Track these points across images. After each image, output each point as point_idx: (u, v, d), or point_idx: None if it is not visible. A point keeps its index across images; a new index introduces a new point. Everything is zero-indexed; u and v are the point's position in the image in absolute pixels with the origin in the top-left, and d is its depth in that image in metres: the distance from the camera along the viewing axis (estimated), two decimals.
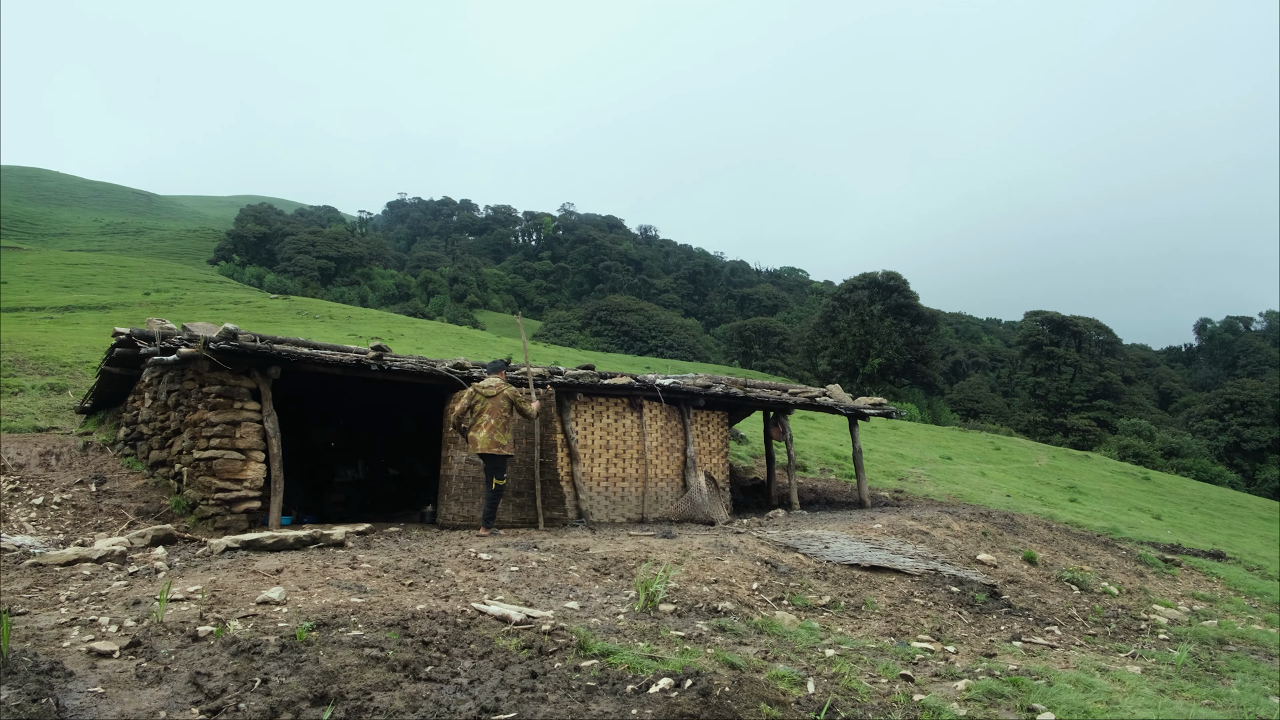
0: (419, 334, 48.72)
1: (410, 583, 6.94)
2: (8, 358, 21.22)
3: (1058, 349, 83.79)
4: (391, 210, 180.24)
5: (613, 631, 6.07)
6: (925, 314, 78.61)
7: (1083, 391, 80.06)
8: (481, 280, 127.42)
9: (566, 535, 10.28)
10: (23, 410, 14.67)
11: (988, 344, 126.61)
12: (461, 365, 11.68)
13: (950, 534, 12.22)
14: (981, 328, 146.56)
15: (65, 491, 10.49)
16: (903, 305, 76.39)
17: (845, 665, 5.89)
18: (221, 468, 9.88)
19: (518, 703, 4.37)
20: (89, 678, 4.48)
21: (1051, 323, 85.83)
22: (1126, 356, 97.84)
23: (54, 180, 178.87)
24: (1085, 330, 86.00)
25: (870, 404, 17.18)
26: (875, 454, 26.63)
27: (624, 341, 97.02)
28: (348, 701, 4.20)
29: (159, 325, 11.17)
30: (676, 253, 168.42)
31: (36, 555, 7.73)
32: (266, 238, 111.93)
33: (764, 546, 9.88)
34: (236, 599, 6.04)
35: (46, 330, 31.32)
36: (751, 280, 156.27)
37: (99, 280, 66.75)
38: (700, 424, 14.55)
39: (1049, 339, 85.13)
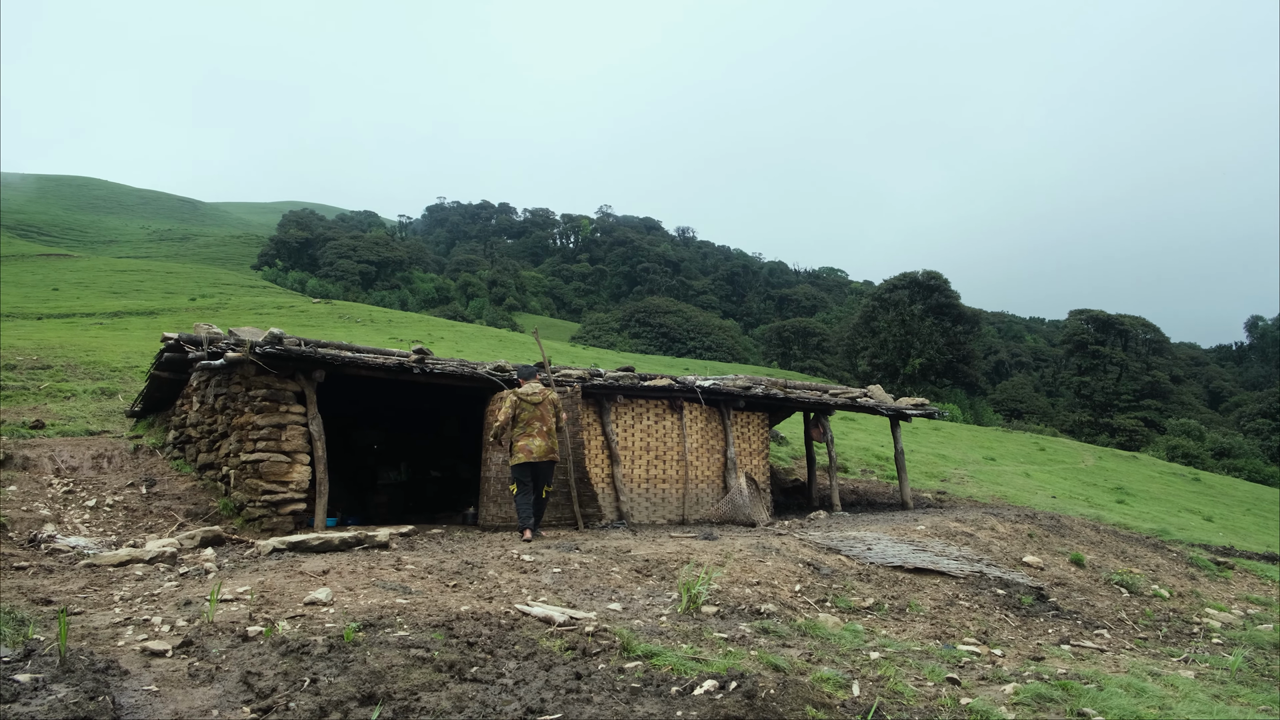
0: (459, 337, 49.09)
1: (454, 584, 7.00)
2: (60, 363, 21.70)
3: (1103, 348, 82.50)
4: (431, 214, 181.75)
5: (656, 633, 6.07)
6: (967, 313, 77.80)
7: (1129, 391, 78.73)
8: (520, 283, 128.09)
9: (607, 537, 10.29)
10: (75, 414, 14.99)
11: (1031, 343, 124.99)
12: (502, 368, 11.74)
13: (995, 536, 12.07)
14: (1024, 327, 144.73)
15: (117, 494, 10.69)
16: (944, 305, 75.66)
17: (890, 668, 5.83)
18: (268, 470, 10.02)
19: (563, 703, 4.38)
20: (143, 676, 4.56)
21: (1097, 321, 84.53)
22: (1174, 355, 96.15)
23: (103, 189, 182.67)
24: (1132, 329, 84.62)
25: (912, 404, 17.02)
26: (917, 455, 26.38)
27: (662, 343, 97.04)
28: (395, 701, 4.24)
29: (206, 330, 11.35)
30: (714, 254, 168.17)
31: (90, 556, 7.90)
32: (308, 243, 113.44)
33: (806, 548, 9.83)
34: (284, 600, 6.12)
35: (97, 336, 31.98)
36: (790, 281, 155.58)
37: (146, 286, 68.04)
38: (740, 425, 14.50)
39: (1094, 338, 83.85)
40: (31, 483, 10.57)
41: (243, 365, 10.25)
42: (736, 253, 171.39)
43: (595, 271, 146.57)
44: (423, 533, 10.40)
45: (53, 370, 20.68)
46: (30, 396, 17.25)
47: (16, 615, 5.33)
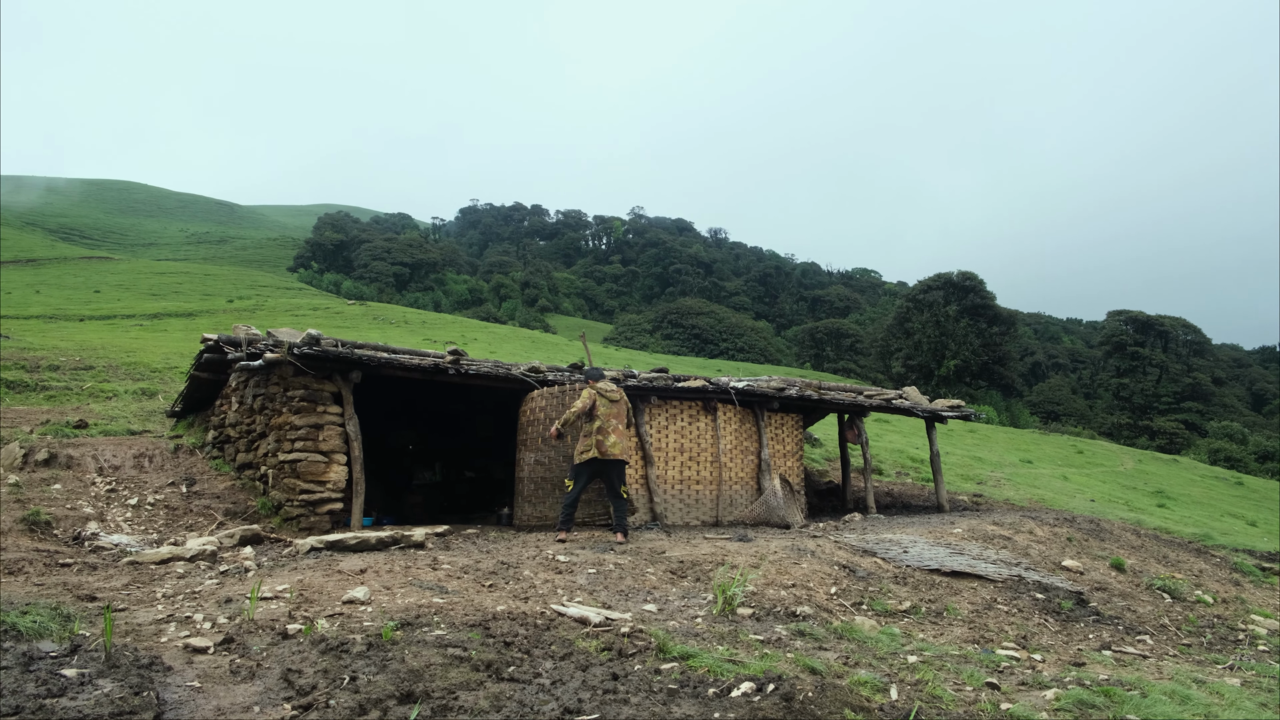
0: (492, 338, 49.34)
1: (490, 584, 7.02)
2: (102, 364, 22.06)
3: (1143, 349, 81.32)
4: (464, 216, 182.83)
5: (691, 634, 6.06)
6: (1003, 314, 76.99)
7: (1170, 393, 77.52)
8: (552, 284, 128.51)
9: (642, 538, 10.28)
10: (117, 414, 15.22)
11: (1068, 344, 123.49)
12: (536, 369, 11.78)
13: (1033, 539, 11.92)
14: (1061, 328, 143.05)
15: (158, 492, 10.84)
16: (979, 305, 74.93)
17: (929, 672, 5.78)
18: (305, 470, 10.12)
19: (600, 704, 4.38)
20: (186, 672, 4.62)
21: (1136, 322, 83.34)
22: (1216, 356, 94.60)
23: (143, 193, 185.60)
24: (1172, 330, 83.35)
25: (948, 406, 16.87)
26: (952, 457, 26.14)
27: (695, 344, 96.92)
28: (433, 700, 4.26)
29: (245, 331, 11.49)
30: (747, 255, 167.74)
31: (133, 554, 8.02)
32: (343, 245, 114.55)
33: (841, 550, 9.77)
34: (323, 598, 6.17)
35: (137, 337, 32.49)
36: (823, 282, 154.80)
37: (185, 288, 69.05)
38: (774, 427, 14.44)
39: (1133, 339, 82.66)
40: (75, 481, 10.75)
41: (281, 366, 10.36)
42: (769, 254, 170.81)
43: (627, 273, 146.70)
44: (458, 533, 10.45)
45: (95, 371, 21.03)
46: (73, 396, 17.55)
47: (62, 611, 5.41)
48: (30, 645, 4.62)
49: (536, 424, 11.80)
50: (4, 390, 17.46)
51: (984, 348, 72.40)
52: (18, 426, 12.98)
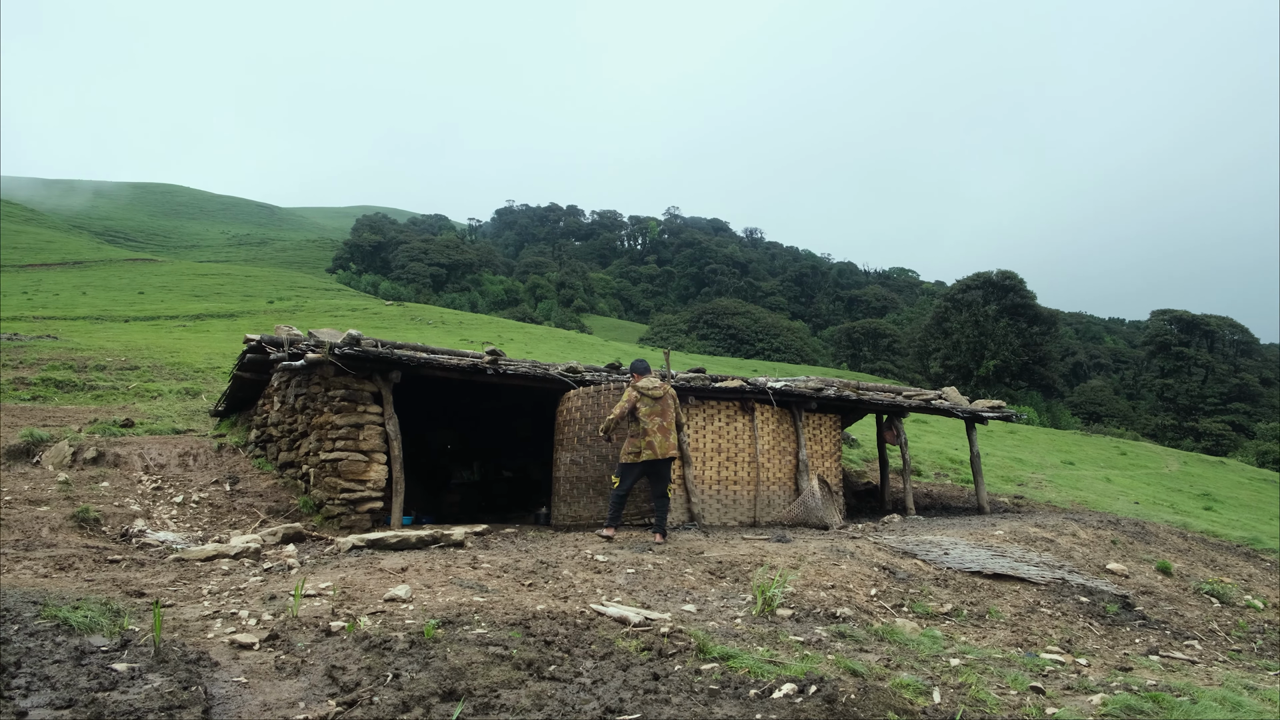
0: (528, 338, 49.55)
1: (529, 583, 7.05)
2: (147, 364, 22.45)
3: (1188, 349, 79.91)
4: (500, 217, 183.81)
5: (731, 635, 6.04)
6: (1043, 314, 75.98)
7: (1216, 394, 76.12)
8: (588, 285, 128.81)
9: (679, 538, 10.27)
10: (161, 413, 15.48)
11: (1110, 344, 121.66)
12: (574, 369, 11.80)
13: (1077, 542, 11.76)
14: (1104, 327, 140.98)
15: (202, 490, 11.01)
16: (1019, 305, 74.01)
17: (972, 675, 5.71)
18: (346, 469, 10.22)
19: (641, 704, 4.38)
20: (232, 668, 4.68)
21: (1180, 322, 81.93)
22: (1264, 356, 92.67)
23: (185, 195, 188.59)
24: (1218, 329, 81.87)
25: (988, 407, 16.68)
26: (992, 458, 25.86)
27: (730, 344, 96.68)
28: (475, 698, 4.28)
29: (287, 332, 11.62)
30: (783, 255, 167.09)
31: (179, 551, 8.15)
32: (381, 246, 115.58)
33: (881, 552, 9.70)
34: (365, 596, 6.23)
35: (180, 338, 33.02)
36: (860, 281, 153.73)
37: (226, 290, 70.06)
38: (812, 427, 14.36)
39: (1178, 339, 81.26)
40: (123, 479, 10.94)
41: (322, 366, 10.47)
42: (805, 253, 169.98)
43: (663, 273, 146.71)
44: (496, 532, 10.50)
45: (140, 371, 21.41)
46: (120, 396, 17.88)
47: (112, 607, 5.51)
48: (82, 640, 4.71)
49: (573, 424, 11.83)
50: (53, 390, 17.82)
51: (1024, 348, 71.47)
52: (67, 425, 13.23)
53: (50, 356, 21.71)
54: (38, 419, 13.75)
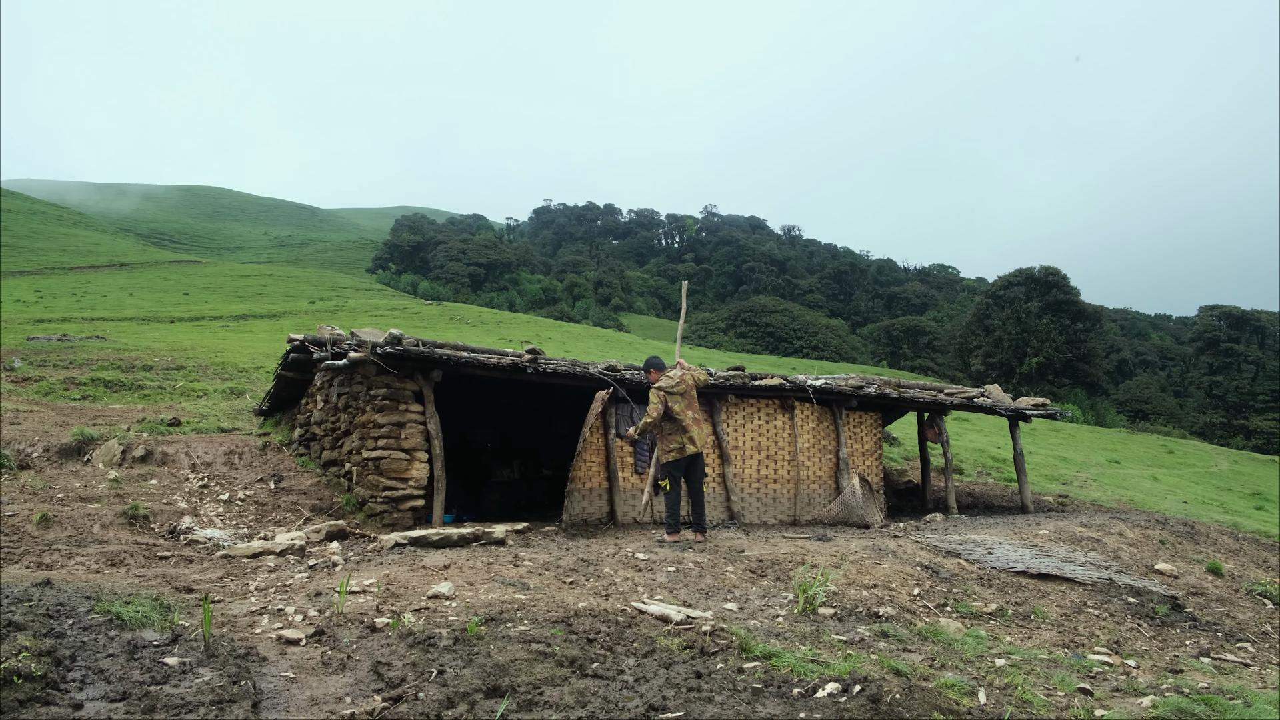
0: (566, 337, 49.70)
1: (571, 581, 7.07)
2: (192, 364, 22.81)
3: (1237, 345, 78.33)
4: (537, 217, 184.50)
5: (773, 634, 6.01)
6: (1087, 310, 74.87)
7: (1267, 391, 74.49)
8: (625, 283, 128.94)
9: (720, 536, 10.25)
10: (207, 412, 15.72)
11: (1156, 341, 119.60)
12: (613, 368, 11.82)
13: (1124, 541, 11.57)
14: (1149, 324, 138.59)
15: (248, 488, 11.17)
16: (1062, 301, 72.98)
17: (1018, 676, 5.64)
18: (388, 467, 10.31)
19: (684, 702, 4.37)
20: (280, 663, 4.74)
21: (1230, 318, 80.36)
22: None
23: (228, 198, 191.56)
24: (1269, 325, 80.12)
25: (1032, 404, 16.47)
26: (1035, 457, 25.51)
27: (769, 343, 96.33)
28: (519, 695, 4.30)
29: (329, 332, 11.75)
30: (821, 252, 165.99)
31: (226, 547, 8.28)
32: (420, 246, 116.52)
33: (923, 551, 9.61)
34: (408, 593, 6.28)
35: (224, 338, 33.51)
36: (899, 279, 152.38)
37: (269, 290, 71.03)
38: (853, 425, 14.27)
39: (1227, 335, 79.68)
40: (170, 477, 11.13)
41: (364, 365, 10.57)
42: (843, 250, 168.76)
43: (700, 271, 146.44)
44: (536, 530, 10.55)
45: (185, 370, 21.75)
46: (166, 395, 18.18)
47: (162, 602, 5.60)
48: (134, 634, 4.80)
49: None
50: (102, 389, 18.17)
51: (1068, 345, 70.46)
52: (116, 424, 13.48)
53: (99, 357, 22.13)
54: (88, 418, 14.02)
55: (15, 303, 50.78)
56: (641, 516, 11.86)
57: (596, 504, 11.61)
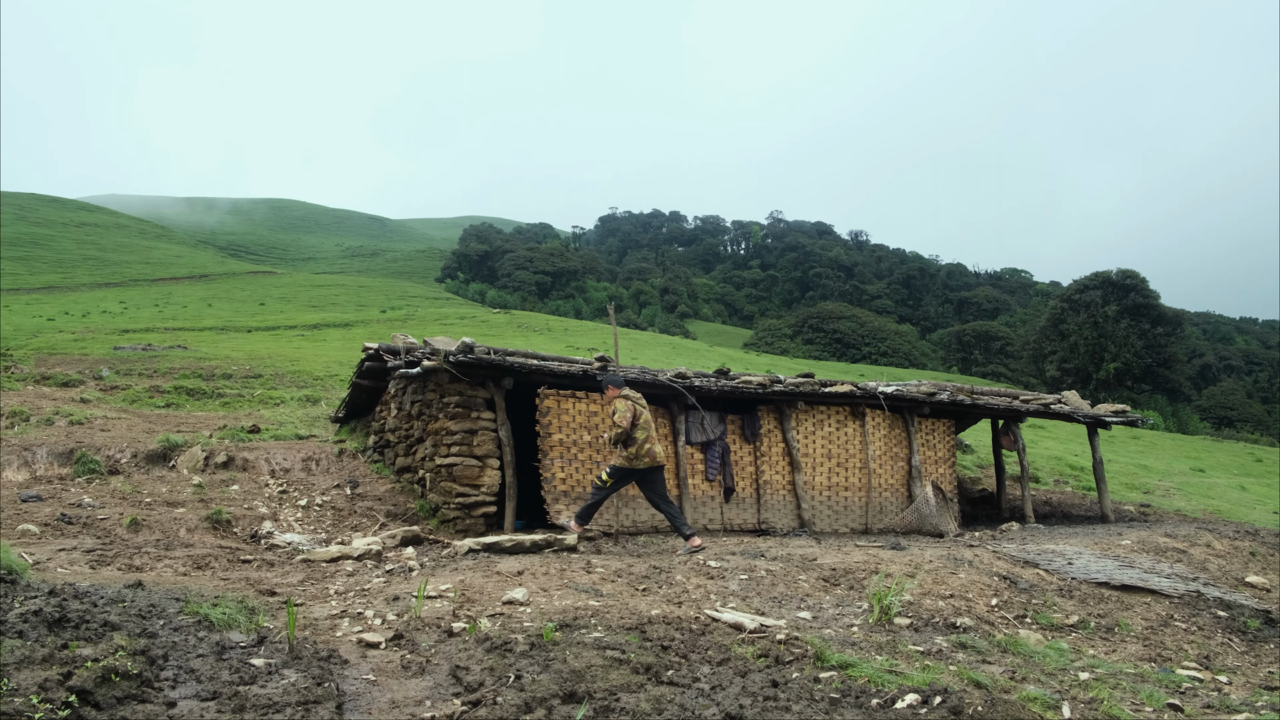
0: (633, 344, 49.81)
1: (643, 588, 7.08)
2: (269, 372, 23.39)
3: None
4: (603, 224, 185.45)
5: (848, 643, 5.95)
6: (1167, 314, 72.60)
7: None
8: (691, 290, 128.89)
9: (791, 544, 10.17)
10: (284, 420, 16.11)
11: (1242, 345, 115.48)
12: (683, 375, 11.81)
13: (1211, 553, 11.19)
14: (1234, 327, 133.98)
15: (325, 494, 11.41)
16: (1141, 305, 70.88)
17: (1103, 690, 5.49)
18: (461, 474, 10.45)
19: (761, 710, 4.35)
20: (361, 666, 4.84)
21: None
22: None
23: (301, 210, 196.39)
24: None
25: (1112, 411, 16.04)
26: (1115, 465, 24.82)
27: (836, 349, 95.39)
28: (596, 700, 4.32)
29: (403, 340, 11.96)
30: (889, 257, 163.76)
31: (305, 552, 8.47)
32: (487, 255, 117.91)
33: (1001, 561, 9.41)
34: (483, 598, 6.35)
35: (299, 347, 34.28)
36: (970, 283, 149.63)
37: (341, 300, 72.54)
38: (925, 432, 14.05)
39: None
40: (251, 483, 11.43)
41: (437, 373, 10.73)
42: (912, 255, 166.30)
43: (766, 278, 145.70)
44: (607, 537, 10.58)
45: (263, 379, 22.32)
46: (245, 403, 18.69)
47: (247, 604, 5.74)
48: (222, 635, 4.93)
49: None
50: (184, 397, 18.74)
51: (1147, 350, 68.39)
52: (198, 431, 13.90)
53: (181, 366, 22.83)
54: (172, 425, 14.47)
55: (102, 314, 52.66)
56: (712, 524, 11.83)
57: None
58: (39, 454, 11.40)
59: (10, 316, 48.16)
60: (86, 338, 32.86)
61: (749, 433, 12.37)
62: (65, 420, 13.68)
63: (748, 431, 12.37)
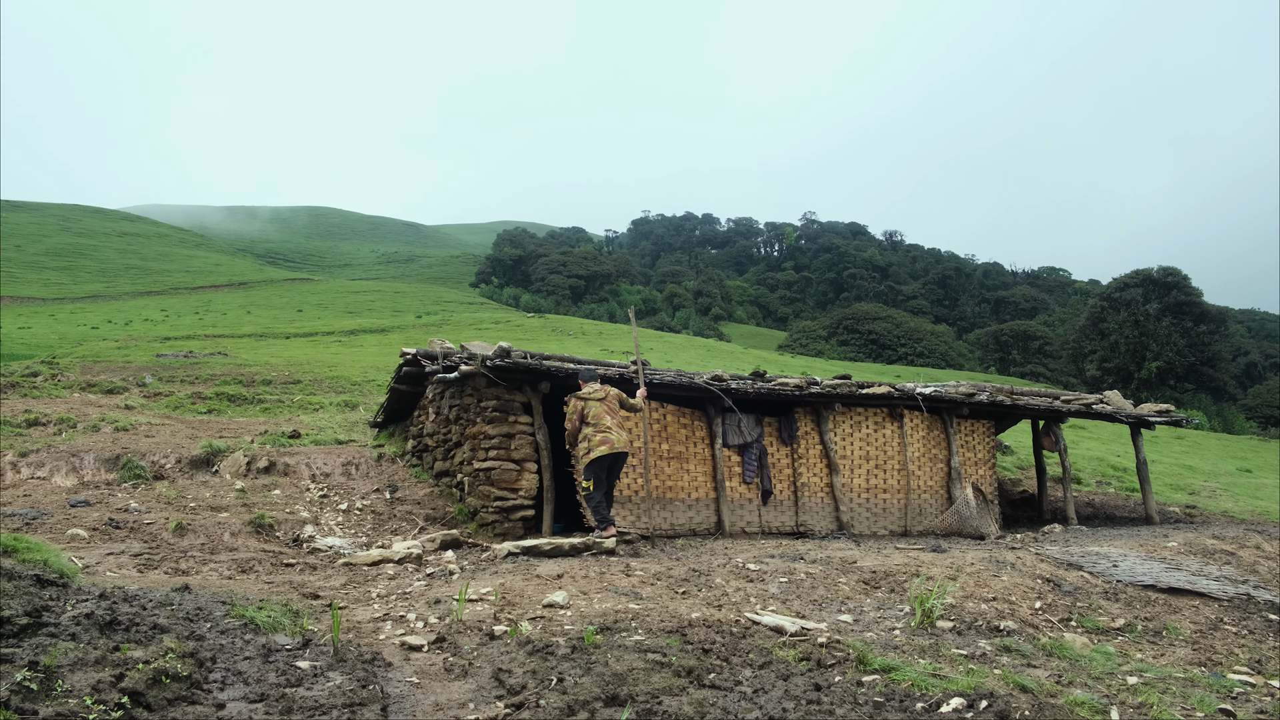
0: (667, 347, 49.81)
1: (683, 591, 7.07)
2: (308, 378, 23.66)
3: None
4: (636, 228, 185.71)
5: (890, 647, 5.90)
6: (1211, 312, 71.35)
7: None
8: (725, 293, 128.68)
9: (830, 547, 10.11)
10: (324, 425, 16.27)
11: None
12: (719, 377, 11.78)
13: (1261, 555, 10.97)
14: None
15: (365, 498, 11.51)
16: (1183, 303, 69.71)
17: (1152, 695, 5.40)
18: (499, 477, 10.49)
19: (805, 715, 4.32)
20: (404, 668, 4.87)
21: None
22: None
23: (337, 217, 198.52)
24: None
25: (1155, 411, 15.78)
26: (1159, 465, 24.43)
27: (871, 350, 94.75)
28: (638, 704, 4.31)
29: (440, 345, 12.03)
30: (924, 257, 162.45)
31: (346, 556, 8.54)
32: (521, 260, 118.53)
33: (1044, 563, 9.29)
34: (524, 601, 6.38)
35: (336, 352, 34.65)
36: (1006, 282, 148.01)
37: (377, 306, 73.22)
38: (964, 434, 13.91)
39: None
40: (292, 487, 11.56)
41: (474, 378, 10.78)
42: (948, 255, 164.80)
43: (800, 279, 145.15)
44: (645, 540, 10.57)
45: (302, 384, 22.58)
46: (285, 408, 18.90)
47: (291, 608, 5.81)
48: (267, 638, 4.99)
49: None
50: (226, 403, 18.99)
51: (1190, 348, 67.22)
52: (240, 436, 14.07)
53: (222, 372, 23.16)
54: (214, 431, 14.67)
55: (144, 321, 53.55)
56: (750, 526, 11.79)
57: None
58: (86, 460, 11.61)
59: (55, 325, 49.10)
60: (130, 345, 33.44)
61: (786, 435, 12.32)
62: (111, 427, 13.92)
63: (785, 434, 12.32)
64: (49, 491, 10.63)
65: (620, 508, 10.74)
